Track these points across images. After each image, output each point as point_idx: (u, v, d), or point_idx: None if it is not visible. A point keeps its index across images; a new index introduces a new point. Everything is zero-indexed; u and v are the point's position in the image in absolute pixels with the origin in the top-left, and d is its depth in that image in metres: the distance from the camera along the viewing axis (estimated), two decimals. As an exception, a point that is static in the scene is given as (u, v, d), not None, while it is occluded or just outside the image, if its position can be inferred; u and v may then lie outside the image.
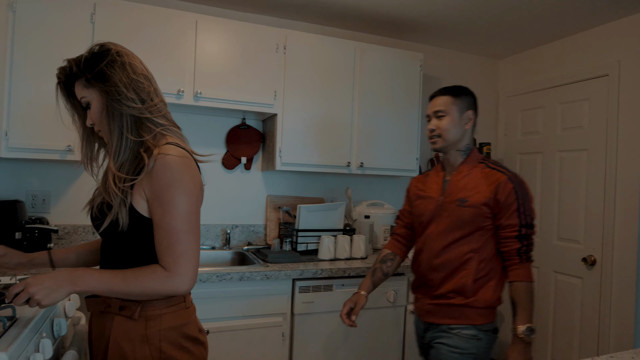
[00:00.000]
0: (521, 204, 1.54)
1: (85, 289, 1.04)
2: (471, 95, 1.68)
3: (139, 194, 1.08)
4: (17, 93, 2.05)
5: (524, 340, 1.47)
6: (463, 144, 1.66)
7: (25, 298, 1.00)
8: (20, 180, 2.38)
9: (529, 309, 1.50)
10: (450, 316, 1.59)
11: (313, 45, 2.62)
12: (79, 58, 1.13)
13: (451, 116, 1.63)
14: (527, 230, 1.53)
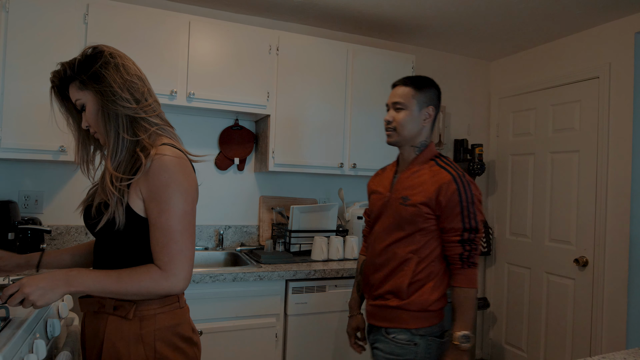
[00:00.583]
0: (465, 207, 1.44)
1: (81, 289, 1.04)
2: (435, 89, 1.60)
3: (135, 193, 1.09)
4: (9, 93, 2.05)
5: (459, 348, 1.40)
6: (419, 140, 1.57)
7: (19, 299, 1.00)
8: (13, 180, 2.37)
9: (467, 316, 1.42)
10: (386, 319, 1.52)
11: (306, 47, 2.63)
12: (73, 61, 1.14)
13: (409, 110, 1.54)
14: (471, 235, 1.44)
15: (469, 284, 1.43)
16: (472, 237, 1.44)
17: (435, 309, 1.48)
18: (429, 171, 1.51)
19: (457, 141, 3.46)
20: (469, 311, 1.43)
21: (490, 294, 3.56)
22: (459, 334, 1.41)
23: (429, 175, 1.50)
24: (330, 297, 2.28)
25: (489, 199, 3.62)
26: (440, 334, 1.50)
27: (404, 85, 1.58)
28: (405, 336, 1.47)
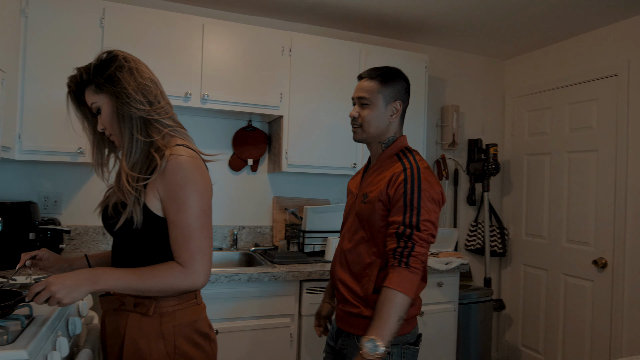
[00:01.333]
0: (408, 201, 1.31)
1: (105, 287, 1.07)
2: (402, 81, 1.49)
3: (152, 193, 1.12)
4: (29, 97, 2.09)
5: (363, 356, 1.21)
6: (387, 136, 1.48)
7: (46, 297, 1.03)
8: (33, 182, 2.42)
9: (384, 321, 1.23)
10: (357, 326, 1.41)
11: (318, 48, 2.64)
12: (89, 65, 1.18)
13: (375, 106, 1.44)
14: (409, 231, 1.29)
15: (399, 286, 1.25)
16: (409, 234, 1.28)
17: (407, 317, 1.38)
18: (389, 166, 1.43)
19: (471, 141, 3.43)
20: (387, 317, 1.24)
21: (506, 296, 3.51)
22: (367, 339, 1.22)
23: (388, 170, 1.41)
24: (344, 297, 2.28)
25: (504, 199, 3.58)
26: (415, 341, 1.43)
27: (369, 79, 1.46)
28: None
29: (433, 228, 1.32)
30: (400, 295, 1.25)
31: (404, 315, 1.26)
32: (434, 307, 2.51)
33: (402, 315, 1.26)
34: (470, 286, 3.08)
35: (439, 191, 1.38)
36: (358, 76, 1.52)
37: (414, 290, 1.27)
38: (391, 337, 1.24)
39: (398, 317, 1.25)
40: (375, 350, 1.20)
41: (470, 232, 3.44)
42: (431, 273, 2.47)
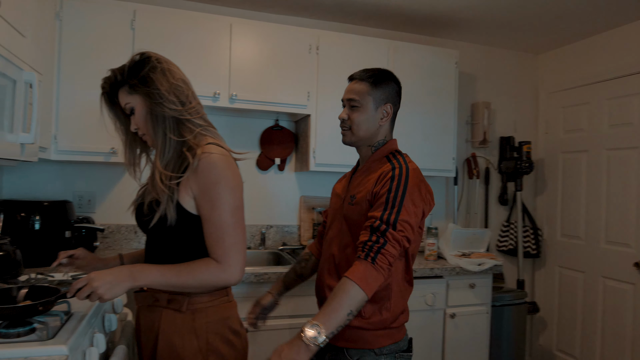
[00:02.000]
0: (392, 197, 1.25)
1: (145, 283, 1.10)
2: (394, 84, 1.45)
3: (185, 191, 1.14)
4: (64, 98, 2.15)
5: (302, 338, 1.11)
6: (376, 139, 1.43)
7: (88, 292, 1.05)
8: (68, 181, 2.49)
9: (334, 312, 1.14)
10: (346, 338, 1.34)
11: (345, 45, 2.61)
12: (122, 67, 1.20)
13: (365, 109, 1.40)
14: (385, 227, 1.22)
15: (360, 280, 1.17)
16: (384, 230, 1.21)
17: (397, 325, 1.36)
18: (378, 167, 1.39)
19: (502, 139, 3.34)
20: (339, 308, 1.14)
21: (539, 298, 3.40)
22: (310, 323, 1.13)
23: (377, 171, 1.37)
24: (373, 298, 2.25)
25: (538, 198, 3.46)
26: (407, 348, 1.38)
27: (359, 81, 1.42)
28: (370, 358, 1.33)
29: (410, 231, 1.25)
30: (358, 289, 1.16)
31: (356, 312, 1.18)
32: (466, 309, 2.44)
33: (354, 311, 1.17)
34: (502, 288, 2.99)
35: (421, 196, 1.30)
36: (348, 77, 1.48)
37: (373, 290, 1.19)
38: (335, 330, 1.14)
39: (349, 310, 1.16)
40: (316, 338, 1.11)
41: (502, 232, 3.35)
42: (463, 274, 2.41)
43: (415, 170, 1.33)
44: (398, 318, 1.36)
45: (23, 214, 1.99)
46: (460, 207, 3.27)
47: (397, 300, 1.35)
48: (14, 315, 1.11)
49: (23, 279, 1.60)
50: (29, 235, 1.98)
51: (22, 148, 1.49)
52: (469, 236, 2.66)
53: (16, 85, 1.40)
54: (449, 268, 2.38)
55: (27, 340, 1.06)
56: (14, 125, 1.40)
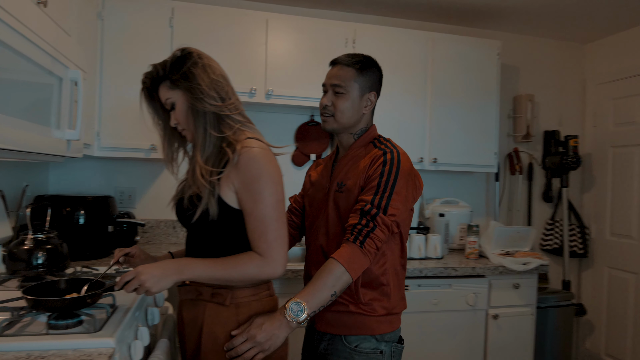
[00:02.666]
0: (384, 182, 1.24)
1: (191, 277, 1.11)
2: (377, 71, 1.41)
3: (227, 186, 1.14)
4: (106, 96, 2.19)
5: (284, 314, 1.13)
6: (359, 127, 1.40)
7: (135, 285, 1.07)
8: (110, 177, 2.55)
9: (318, 291, 1.15)
10: (344, 324, 1.31)
11: (383, 38, 2.55)
12: (165, 62, 1.20)
13: (350, 96, 1.35)
14: (375, 211, 1.21)
15: (346, 263, 1.17)
16: (375, 214, 1.21)
17: (398, 312, 1.34)
18: (365, 153, 1.36)
19: (547, 133, 3.19)
20: (322, 287, 1.16)
21: (586, 300, 3.24)
22: (294, 300, 1.14)
23: (365, 156, 1.35)
24: (413, 297, 2.19)
25: (585, 195, 3.30)
26: (400, 339, 1.37)
27: (345, 65, 1.36)
28: (370, 344, 1.29)
29: (401, 216, 1.25)
30: (344, 271, 1.18)
31: (340, 293, 1.20)
32: (509, 310, 2.35)
33: (338, 293, 1.19)
34: (546, 289, 2.87)
35: (415, 179, 1.31)
36: (332, 61, 1.41)
37: (357, 273, 1.21)
38: (317, 309, 1.17)
39: (333, 291, 1.18)
40: (299, 315, 1.14)
41: (547, 230, 3.21)
42: (506, 274, 2.32)
43: (404, 155, 1.32)
44: (399, 304, 1.35)
45: (68, 208, 2.04)
46: (501, 204, 3.15)
47: (395, 284, 1.34)
48: (63, 307, 1.13)
49: (69, 272, 1.64)
50: (74, 230, 2.03)
51: (68, 144, 1.52)
52: (512, 234, 2.56)
53: (62, 83, 1.43)
54: (491, 267, 2.29)
55: (75, 332, 1.08)
56: (60, 122, 1.43)
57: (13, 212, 1.85)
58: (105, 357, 0.97)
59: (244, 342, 1.12)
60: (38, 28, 1.19)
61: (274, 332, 1.12)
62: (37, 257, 1.56)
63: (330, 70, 1.40)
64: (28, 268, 1.55)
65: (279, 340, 1.13)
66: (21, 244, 1.56)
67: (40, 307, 1.12)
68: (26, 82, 1.18)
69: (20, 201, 1.86)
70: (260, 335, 1.11)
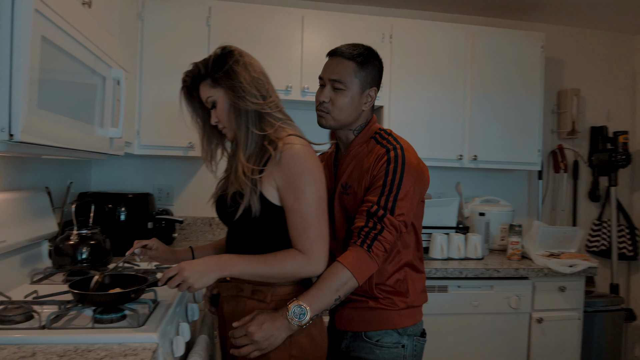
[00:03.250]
0: (389, 181, 1.18)
1: (232, 273, 1.11)
2: (379, 63, 1.32)
3: (269, 183, 1.14)
4: (146, 95, 2.24)
5: (286, 316, 1.09)
6: (358, 124, 1.32)
7: (178, 281, 1.08)
8: (148, 175, 2.61)
9: (322, 294, 1.12)
10: (365, 320, 1.27)
11: (420, 33, 2.49)
12: (206, 60, 1.20)
13: (350, 92, 1.26)
14: (382, 212, 1.16)
15: (353, 268, 1.13)
16: (382, 215, 1.16)
17: (419, 304, 1.30)
18: (367, 150, 1.28)
19: (593, 129, 3.04)
20: (327, 291, 1.12)
21: (636, 305, 3.07)
22: (297, 302, 1.10)
23: (368, 154, 1.27)
24: (452, 298, 2.13)
25: (635, 195, 3.12)
26: (422, 333, 1.31)
27: (344, 59, 1.27)
28: (392, 338, 1.24)
29: (409, 214, 1.20)
30: (350, 276, 1.13)
31: (344, 297, 1.16)
32: (555, 313, 2.25)
33: (342, 297, 1.15)
34: (592, 292, 2.73)
35: (421, 173, 1.24)
36: (330, 52, 1.31)
37: (364, 278, 1.16)
38: (319, 312, 1.13)
39: (337, 296, 1.14)
40: (301, 318, 1.10)
41: (593, 231, 3.06)
42: (552, 276, 2.21)
43: (409, 149, 1.24)
44: (418, 297, 1.30)
45: (110, 205, 2.10)
46: (544, 204, 3.02)
47: (413, 278, 1.30)
48: (109, 302, 1.15)
49: (111, 267, 1.68)
50: (115, 226, 2.08)
51: (110, 142, 1.55)
52: (557, 235, 2.44)
53: (105, 82, 1.46)
54: (535, 269, 2.20)
55: (120, 327, 1.09)
56: (104, 120, 1.46)
57: (58, 209, 1.91)
58: (150, 352, 0.98)
59: (243, 336, 1.10)
60: (84, 28, 1.22)
61: (273, 332, 1.10)
62: (82, 252, 1.60)
63: (328, 62, 1.31)
64: (73, 263, 1.59)
65: (278, 340, 1.11)
66: (67, 239, 1.61)
67: (86, 301, 1.15)
68: (72, 82, 1.20)
69: (65, 198, 1.92)
70: (258, 334, 1.09)
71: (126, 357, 0.95)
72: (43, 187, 1.82)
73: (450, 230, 2.42)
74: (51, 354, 0.95)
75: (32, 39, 0.95)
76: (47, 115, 1.06)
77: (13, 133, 0.93)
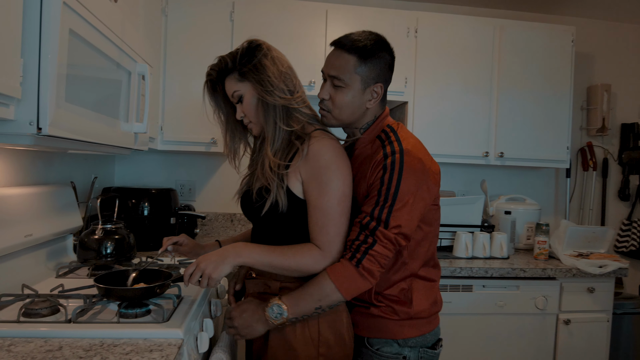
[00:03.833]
0: (384, 190, 1.07)
1: (247, 260, 1.10)
2: (386, 55, 1.18)
3: (295, 177, 1.13)
4: (169, 91, 2.24)
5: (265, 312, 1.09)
6: (364, 121, 1.22)
7: (198, 274, 1.08)
8: (171, 170, 2.62)
9: (302, 300, 1.08)
10: (368, 327, 1.22)
11: (446, 27, 2.44)
12: (234, 53, 1.17)
13: (350, 89, 1.16)
14: (374, 224, 1.07)
15: (338, 281, 1.06)
16: (374, 228, 1.07)
17: (426, 316, 1.20)
18: (371, 153, 1.19)
19: (624, 126, 2.94)
20: (308, 298, 1.08)
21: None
22: (277, 302, 1.08)
23: (370, 156, 1.18)
24: (477, 297, 2.08)
25: (668, 194, 3.01)
26: (433, 344, 1.23)
27: (345, 51, 1.16)
28: (392, 348, 1.18)
29: (408, 227, 1.09)
30: (334, 289, 1.07)
31: (327, 308, 1.10)
32: (582, 315, 2.18)
33: (324, 307, 1.10)
34: (621, 294, 2.64)
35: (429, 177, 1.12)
36: (332, 42, 1.21)
37: (351, 294, 1.09)
38: (300, 317, 1.11)
39: (319, 305, 1.09)
40: (277, 318, 1.09)
41: (622, 231, 2.96)
42: (580, 277, 2.15)
43: (411, 152, 1.11)
44: (427, 309, 1.20)
45: (134, 200, 2.11)
46: (571, 202, 2.94)
47: (421, 288, 1.20)
48: (134, 297, 1.15)
49: (135, 262, 1.69)
50: (139, 221, 2.09)
51: (135, 137, 1.55)
52: (587, 235, 2.37)
53: (131, 77, 1.45)
54: (563, 269, 2.13)
55: (145, 322, 1.09)
56: (129, 115, 1.46)
57: (82, 203, 1.93)
58: (175, 348, 0.97)
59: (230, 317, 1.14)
60: (110, 22, 1.21)
61: (251, 323, 1.11)
62: (106, 247, 1.61)
63: (329, 54, 1.21)
64: (98, 257, 1.60)
65: (256, 332, 1.12)
66: (92, 233, 1.62)
67: (111, 296, 1.15)
68: (98, 76, 1.20)
69: (89, 193, 1.94)
70: (237, 321, 1.12)
71: (152, 352, 0.94)
72: (68, 181, 1.84)
73: (474, 228, 2.37)
74: (77, 348, 0.95)
75: (61, 32, 0.94)
76: (75, 109, 1.06)
77: (41, 127, 0.93)
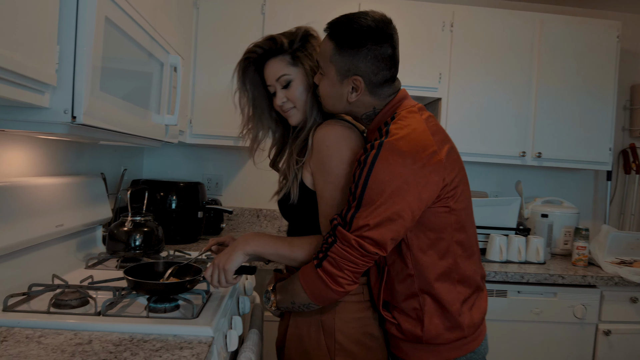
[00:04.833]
0: (352, 189, 0.97)
1: (256, 248, 1.08)
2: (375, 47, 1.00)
3: (306, 169, 1.10)
4: (199, 84, 2.23)
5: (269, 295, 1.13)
6: (363, 112, 1.08)
7: (216, 272, 1.07)
8: (198, 164, 2.61)
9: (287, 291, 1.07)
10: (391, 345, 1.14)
11: (483, 21, 2.34)
12: (291, 35, 1.11)
13: (327, 78, 1.04)
14: (337, 224, 0.97)
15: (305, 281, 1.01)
16: (335, 226, 0.97)
17: (443, 342, 1.03)
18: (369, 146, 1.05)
19: (671, 127, 2.77)
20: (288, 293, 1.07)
21: None
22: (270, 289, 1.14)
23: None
24: (511, 304, 1.99)
25: None
26: None
27: (328, 37, 1.03)
28: None
29: (375, 232, 0.93)
30: (301, 289, 1.03)
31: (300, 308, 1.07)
32: (624, 326, 2.06)
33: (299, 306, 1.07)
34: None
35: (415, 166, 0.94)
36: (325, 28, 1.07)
37: (319, 299, 1.01)
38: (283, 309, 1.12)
39: (293, 301, 1.07)
40: (266, 303, 1.14)
41: (666, 239, 2.80)
42: (623, 285, 2.03)
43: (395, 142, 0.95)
44: (443, 334, 1.03)
45: (162, 193, 2.10)
46: (611, 206, 2.80)
47: (437, 310, 1.03)
48: (165, 291, 1.13)
49: (163, 255, 1.68)
50: (166, 214, 2.09)
51: (166, 129, 1.53)
52: (630, 241, 2.24)
53: (163, 68, 1.43)
54: (605, 277, 2.02)
55: (174, 317, 1.06)
56: (160, 107, 1.45)
57: (112, 195, 1.93)
58: (205, 346, 0.94)
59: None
60: (144, 11, 1.19)
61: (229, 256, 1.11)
62: (135, 239, 1.60)
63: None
64: (127, 249, 1.59)
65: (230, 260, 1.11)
66: (121, 225, 1.61)
67: (140, 289, 1.13)
68: (131, 66, 1.18)
69: (119, 184, 1.94)
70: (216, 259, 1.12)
71: (182, 350, 0.91)
72: (98, 172, 1.84)
73: (509, 231, 2.27)
74: (107, 342, 0.93)
75: (97, 19, 0.92)
76: (109, 98, 1.04)
77: (76, 115, 0.91)
